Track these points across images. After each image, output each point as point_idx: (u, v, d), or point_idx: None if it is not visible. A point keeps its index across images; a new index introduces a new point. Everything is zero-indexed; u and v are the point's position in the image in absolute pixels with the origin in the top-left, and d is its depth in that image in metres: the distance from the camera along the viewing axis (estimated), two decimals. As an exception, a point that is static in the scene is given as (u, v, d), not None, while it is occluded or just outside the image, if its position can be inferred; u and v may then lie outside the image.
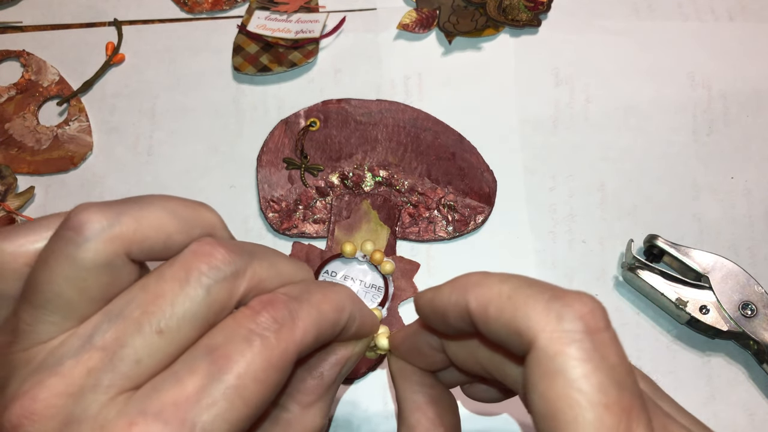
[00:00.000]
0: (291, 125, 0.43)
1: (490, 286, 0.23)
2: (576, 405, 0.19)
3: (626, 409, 0.19)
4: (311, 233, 0.40)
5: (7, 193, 0.42)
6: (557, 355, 0.20)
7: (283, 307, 0.23)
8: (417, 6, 0.48)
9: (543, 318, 0.20)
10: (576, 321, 0.20)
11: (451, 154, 0.42)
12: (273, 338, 0.22)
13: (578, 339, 0.20)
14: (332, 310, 0.24)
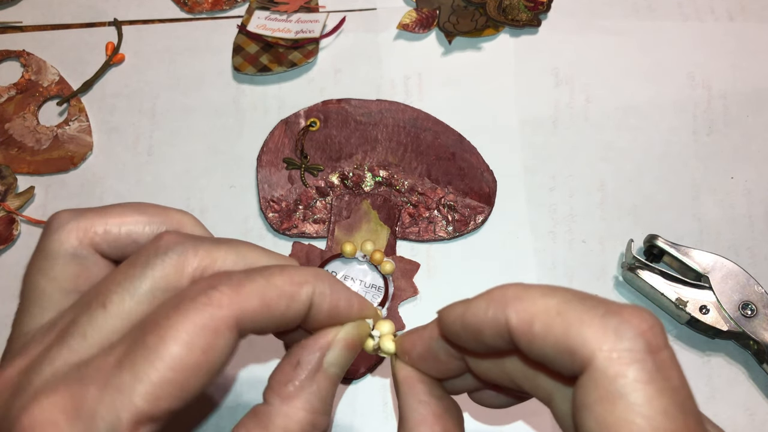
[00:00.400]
0: (291, 125, 0.43)
1: (533, 301, 0.21)
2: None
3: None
4: (311, 233, 0.40)
5: (7, 193, 0.42)
6: (617, 377, 0.18)
7: (225, 277, 0.22)
8: (417, 6, 0.48)
9: (600, 336, 0.19)
10: (636, 339, 0.19)
11: (451, 154, 0.42)
12: (203, 302, 0.21)
13: (639, 359, 0.18)
14: (287, 283, 0.23)
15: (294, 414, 0.23)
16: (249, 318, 0.22)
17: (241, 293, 0.22)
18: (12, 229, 0.41)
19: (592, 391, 0.19)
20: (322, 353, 0.24)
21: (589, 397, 0.19)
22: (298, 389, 0.24)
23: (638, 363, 0.18)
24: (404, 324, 0.37)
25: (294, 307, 0.23)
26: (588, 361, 0.19)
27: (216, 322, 0.21)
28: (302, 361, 0.24)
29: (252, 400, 0.36)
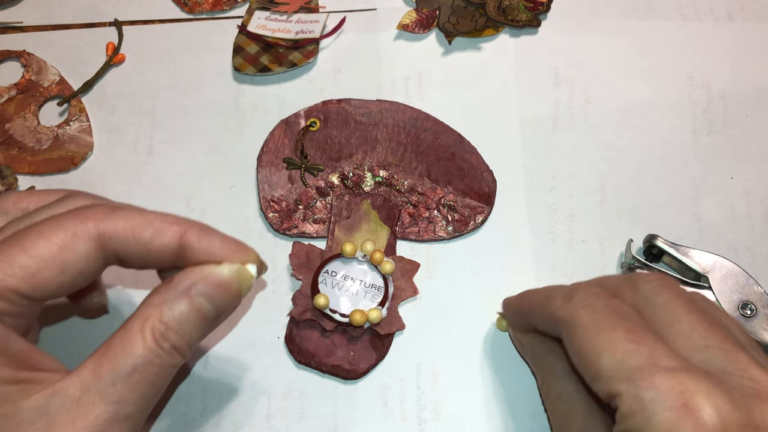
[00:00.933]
0: (291, 125, 0.43)
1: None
2: None
3: None
4: (311, 233, 0.40)
5: (7, 193, 0.42)
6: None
7: (100, 202, 0.27)
8: (417, 6, 0.48)
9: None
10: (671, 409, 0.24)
11: (451, 154, 0.42)
12: (72, 215, 0.25)
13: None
14: (157, 218, 0.27)
15: (149, 321, 0.25)
16: (111, 236, 0.26)
17: (111, 215, 0.26)
18: (12, 229, 0.41)
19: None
20: (192, 281, 0.26)
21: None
22: (161, 302, 0.26)
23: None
24: (404, 324, 0.37)
25: (159, 239, 0.26)
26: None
27: (78, 229, 0.25)
28: (174, 280, 0.26)
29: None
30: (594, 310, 0.28)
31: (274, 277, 0.40)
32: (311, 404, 0.36)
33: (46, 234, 0.25)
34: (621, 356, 0.25)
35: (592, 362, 0.26)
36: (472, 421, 0.36)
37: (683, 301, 0.27)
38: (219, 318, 0.27)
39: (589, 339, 0.27)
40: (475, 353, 0.37)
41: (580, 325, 0.27)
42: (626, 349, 0.25)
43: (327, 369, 0.37)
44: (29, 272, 0.24)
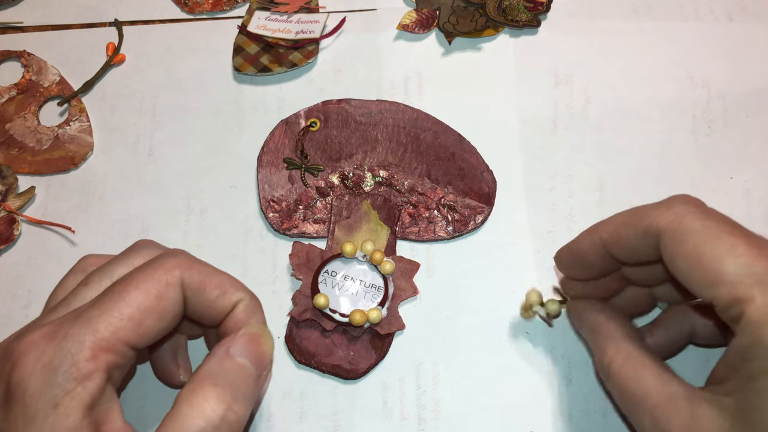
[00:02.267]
0: (291, 125, 0.43)
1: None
2: None
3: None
4: (311, 233, 0.40)
5: (7, 193, 0.42)
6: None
7: (180, 253, 0.29)
8: (417, 6, 0.48)
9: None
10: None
11: (450, 154, 0.42)
12: (159, 264, 0.28)
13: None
14: (226, 281, 0.30)
15: (197, 388, 0.27)
16: (189, 286, 0.28)
17: (190, 266, 0.28)
18: (12, 229, 0.41)
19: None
20: (227, 346, 0.29)
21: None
22: (206, 371, 0.27)
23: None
24: (404, 324, 0.37)
25: (221, 301, 0.29)
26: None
27: (168, 277, 0.28)
28: (213, 351, 0.29)
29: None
30: (704, 217, 0.27)
31: (275, 277, 0.40)
32: (311, 404, 0.36)
33: (142, 285, 0.27)
34: (747, 260, 0.25)
35: (712, 267, 0.25)
36: (472, 421, 0.36)
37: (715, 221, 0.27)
38: (260, 378, 0.29)
39: (705, 244, 0.26)
40: (475, 353, 0.37)
41: (693, 230, 0.27)
42: (753, 254, 0.25)
43: (327, 369, 0.37)
44: (136, 323, 0.26)
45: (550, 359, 0.37)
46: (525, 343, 0.37)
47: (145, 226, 0.41)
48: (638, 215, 0.29)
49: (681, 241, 0.27)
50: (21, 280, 0.40)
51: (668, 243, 0.27)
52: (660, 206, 0.29)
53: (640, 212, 0.30)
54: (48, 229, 0.41)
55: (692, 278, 0.26)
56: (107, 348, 0.26)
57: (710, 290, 0.26)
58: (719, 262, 0.25)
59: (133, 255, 0.30)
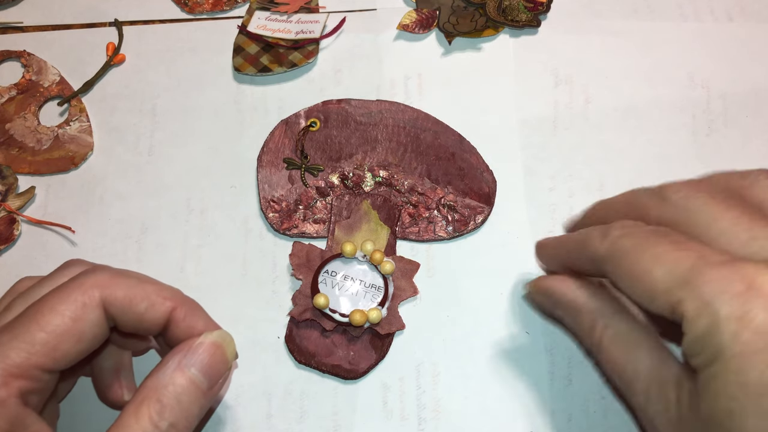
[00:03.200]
0: (291, 125, 0.43)
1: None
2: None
3: None
4: (311, 233, 0.40)
5: (7, 193, 0.42)
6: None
7: (100, 269, 0.28)
8: (417, 6, 0.48)
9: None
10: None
11: (450, 154, 0.42)
12: (78, 283, 0.27)
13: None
14: (153, 291, 0.29)
15: (145, 403, 0.26)
16: (112, 304, 0.27)
17: (111, 282, 0.27)
18: (12, 229, 0.41)
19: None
20: (182, 355, 0.28)
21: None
22: (155, 384, 0.27)
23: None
24: (404, 324, 0.37)
25: (152, 312, 0.28)
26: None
27: (86, 298, 0.26)
28: (165, 360, 0.28)
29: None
30: (634, 235, 0.27)
31: (275, 277, 0.40)
32: (311, 404, 0.36)
33: (57, 307, 0.26)
34: (671, 264, 0.25)
35: (644, 282, 0.26)
36: (472, 420, 0.36)
37: (719, 199, 0.27)
38: (213, 389, 0.28)
39: (636, 261, 0.26)
40: (475, 353, 0.37)
41: (626, 252, 0.27)
42: (674, 257, 0.25)
43: (327, 369, 0.37)
44: (50, 347, 0.26)
45: (549, 359, 0.37)
46: (525, 343, 0.37)
47: (145, 226, 0.41)
48: (582, 245, 0.30)
49: (618, 266, 0.27)
50: (21, 280, 0.40)
51: (609, 269, 0.28)
52: (598, 234, 0.29)
53: (582, 242, 0.30)
54: (48, 229, 0.41)
55: (636, 297, 0.27)
56: (19, 374, 0.25)
57: (652, 305, 0.26)
58: (649, 275, 0.26)
59: (58, 276, 0.29)
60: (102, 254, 0.40)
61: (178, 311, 0.29)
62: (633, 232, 0.28)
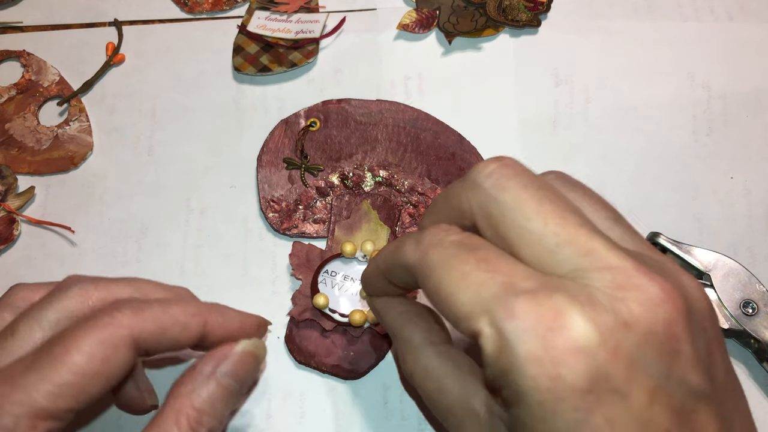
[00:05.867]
0: (291, 125, 0.43)
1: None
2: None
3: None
4: (311, 233, 0.40)
5: (7, 193, 0.42)
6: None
7: (126, 301, 0.27)
8: (417, 6, 0.48)
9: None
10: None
11: (451, 154, 0.42)
12: (106, 321, 0.26)
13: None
14: (181, 314, 0.28)
15: (183, 411, 0.26)
16: (145, 338, 0.26)
17: (140, 316, 0.26)
18: (12, 229, 0.41)
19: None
20: (216, 363, 0.28)
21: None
22: (189, 391, 0.27)
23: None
24: (404, 323, 0.37)
25: (186, 334, 0.28)
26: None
27: (115, 338, 0.25)
28: (197, 366, 0.28)
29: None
30: (441, 246, 0.24)
31: (275, 277, 0.40)
32: (311, 404, 0.36)
33: (85, 348, 0.25)
34: (474, 289, 0.22)
35: (449, 303, 0.23)
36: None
37: (531, 193, 0.23)
38: (243, 390, 0.29)
39: (440, 280, 0.23)
40: (476, 353, 0.37)
41: (431, 267, 0.24)
42: (479, 280, 0.22)
43: (327, 369, 0.37)
44: (77, 389, 0.25)
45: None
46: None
47: (144, 226, 0.41)
48: (397, 251, 0.26)
49: (426, 281, 0.24)
50: (21, 280, 0.40)
51: (420, 282, 0.25)
52: (411, 241, 0.25)
53: (398, 248, 0.26)
54: (48, 229, 0.41)
55: (443, 316, 0.24)
56: (46, 416, 0.24)
57: (457, 328, 0.23)
58: (453, 297, 0.22)
59: (64, 296, 0.28)
60: (102, 254, 0.40)
61: (209, 323, 0.29)
62: (441, 241, 0.24)
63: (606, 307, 0.20)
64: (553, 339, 0.20)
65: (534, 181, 0.24)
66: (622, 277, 0.21)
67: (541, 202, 0.23)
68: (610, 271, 0.21)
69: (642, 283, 0.21)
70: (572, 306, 0.20)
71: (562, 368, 0.20)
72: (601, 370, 0.20)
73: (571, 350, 0.20)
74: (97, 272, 0.40)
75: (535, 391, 0.20)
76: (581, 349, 0.20)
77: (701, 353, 0.21)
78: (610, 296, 0.21)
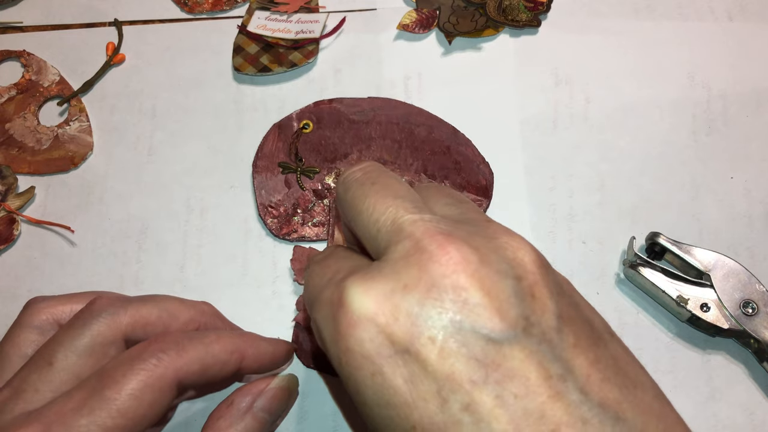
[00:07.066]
0: (284, 128, 0.43)
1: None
2: None
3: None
4: (311, 236, 0.40)
5: (7, 193, 0.42)
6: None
7: (171, 340, 0.27)
8: (417, 6, 0.48)
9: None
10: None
11: (446, 147, 0.42)
12: (153, 363, 0.26)
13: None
14: (222, 352, 0.28)
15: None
16: (188, 378, 0.27)
17: (184, 357, 0.27)
18: (12, 229, 0.41)
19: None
20: (253, 398, 0.30)
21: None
22: (227, 426, 0.28)
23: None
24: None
25: (225, 370, 0.29)
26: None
27: (162, 382, 0.26)
28: (235, 402, 0.29)
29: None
30: (309, 264, 0.29)
31: (275, 277, 0.40)
32: (311, 404, 0.36)
33: (135, 393, 0.25)
34: (308, 289, 0.26)
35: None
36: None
37: (363, 189, 0.26)
38: (275, 422, 0.31)
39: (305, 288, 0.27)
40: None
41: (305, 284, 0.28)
42: (313, 282, 0.26)
43: (335, 371, 0.36)
44: (123, 430, 0.25)
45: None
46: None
47: (145, 226, 0.41)
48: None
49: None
50: (21, 280, 0.40)
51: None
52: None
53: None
54: (48, 229, 0.41)
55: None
56: None
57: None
58: (305, 300, 0.28)
59: (95, 322, 0.28)
60: (102, 254, 0.40)
61: (248, 358, 0.29)
62: (313, 258, 0.29)
63: (387, 276, 0.22)
64: (338, 318, 0.22)
65: (372, 178, 0.26)
66: (414, 244, 0.22)
67: (368, 195, 0.25)
68: (409, 240, 0.23)
69: (428, 246, 0.22)
70: (354, 284, 0.22)
71: (348, 341, 0.22)
72: (383, 334, 0.21)
73: (351, 323, 0.22)
74: (97, 272, 0.40)
75: (340, 368, 0.22)
76: (357, 320, 0.22)
77: (504, 301, 0.21)
78: (396, 264, 0.22)
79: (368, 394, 0.22)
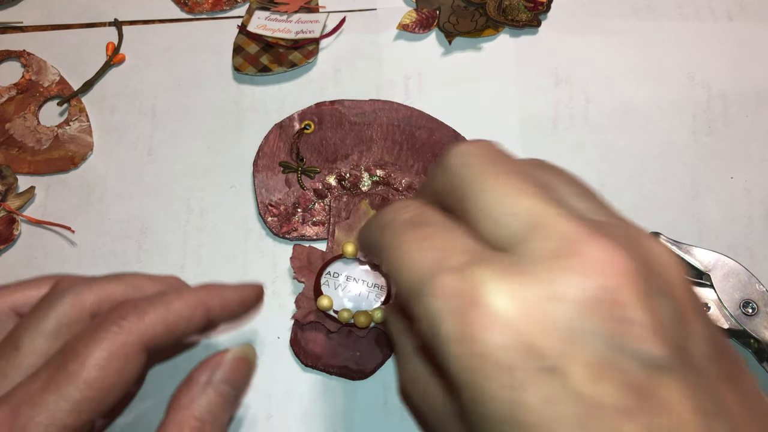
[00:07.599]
0: (285, 129, 0.43)
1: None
2: None
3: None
4: (311, 235, 0.40)
5: (7, 193, 0.42)
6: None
7: (130, 305, 0.27)
8: (417, 6, 0.48)
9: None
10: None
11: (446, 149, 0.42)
12: (114, 331, 0.26)
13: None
14: (184, 308, 0.28)
15: (184, 422, 0.27)
16: (154, 341, 0.26)
17: (146, 320, 0.26)
18: (12, 229, 0.41)
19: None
20: (211, 371, 0.28)
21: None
22: (189, 402, 0.27)
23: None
24: (404, 323, 0.37)
25: (192, 325, 0.28)
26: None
27: (126, 348, 0.25)
28: (194, 377, 0.28)
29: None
30: (393, 226, 0.24)
31: (275, 277, 0.40)
32: (311, 404, 0.36)
33: (100, 363, 0.25)
34: (413, 267, 0.21)
35: (397, 284, 0.22)
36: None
37: (489, 168, 0.23)
38: (239, 396, 0.29)
39: (389, 258, 0.23)
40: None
41: (383, 246, 0.23)
42: (417, 258, 0.21)
43: (334, 371, 0.36)
44: (96, 402, 0.25)
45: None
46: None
47: (145, 226, 0.41)
48: (365, 230, 0.28)
49: (382, 259, 0.24)
50: (21, 279, 0.40)
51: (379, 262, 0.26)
52: (374, 219, 0.26)
53: (365, 227, 0.28)
54: (48, 229, 0.41)
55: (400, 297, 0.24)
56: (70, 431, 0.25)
57: (409, 312, 0.22)
58: (398, 277, 0.23)
59: (59, 303, 0.27)
60: (102, 254, 0.40)
61: (211, 309, 0.29)
62: (393, 221, 0.24)
63: (535, 277, 0.19)
64: (470, 315, 0.19)
65: (496, 158, 0.23)
66: (564, 245, 0.19)
67: (495, 176, 0.22)
68: (556, 239, 0.20)
69: (584, 249, 0.19)
70: (492, 279, 0.19)
71: (482, 345, 0.19)
72: (526, 345, 0.18)
73: (488, 325, 0.19)
74: (97, 272, 0.40)
75: (462, 372, 0.19)
76: (499, 324, 0.19)
77: (664, 322, 0.19)
78: (545, 266, 0.19)
79: (493, 407, 0.19)
